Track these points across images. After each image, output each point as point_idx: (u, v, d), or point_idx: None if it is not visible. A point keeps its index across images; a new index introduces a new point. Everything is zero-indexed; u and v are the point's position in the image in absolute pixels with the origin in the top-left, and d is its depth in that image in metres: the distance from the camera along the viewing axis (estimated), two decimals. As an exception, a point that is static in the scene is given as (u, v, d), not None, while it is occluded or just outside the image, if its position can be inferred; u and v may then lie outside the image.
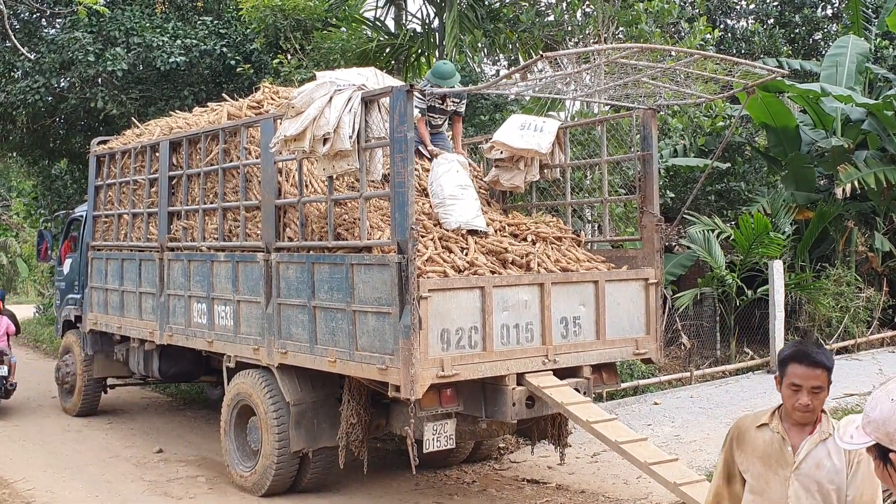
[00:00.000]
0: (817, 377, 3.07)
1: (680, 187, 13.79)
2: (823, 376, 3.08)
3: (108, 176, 10.31)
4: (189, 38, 13.76)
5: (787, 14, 20.65)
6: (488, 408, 6.44)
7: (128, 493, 7.57)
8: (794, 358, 3.11)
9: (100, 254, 10.34)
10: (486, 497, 7.28)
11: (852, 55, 14.83)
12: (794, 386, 3.10)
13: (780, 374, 3.18)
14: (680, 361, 12.25)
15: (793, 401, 3.12)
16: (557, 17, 13.10)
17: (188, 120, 9.26)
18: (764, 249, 12.20)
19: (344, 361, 6.39)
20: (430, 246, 6.46)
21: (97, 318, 10.27)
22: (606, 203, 8.28)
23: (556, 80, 7.35)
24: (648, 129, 7.39)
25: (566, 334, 6.60)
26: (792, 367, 3.11)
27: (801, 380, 3.08)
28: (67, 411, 11.00)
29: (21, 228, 29.84)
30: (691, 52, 7.60)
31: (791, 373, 3.10)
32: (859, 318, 13.13)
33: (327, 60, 12.38)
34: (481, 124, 12.00)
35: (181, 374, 9.75)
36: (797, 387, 3.09)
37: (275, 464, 7.05)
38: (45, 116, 15.61)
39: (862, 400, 8.80)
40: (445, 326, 5.99)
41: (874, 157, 13.83)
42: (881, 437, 2.18)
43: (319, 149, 6.37)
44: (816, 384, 3.07)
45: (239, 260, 7.63)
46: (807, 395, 3.08)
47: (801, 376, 3.08)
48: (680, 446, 8.22)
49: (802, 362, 3.09)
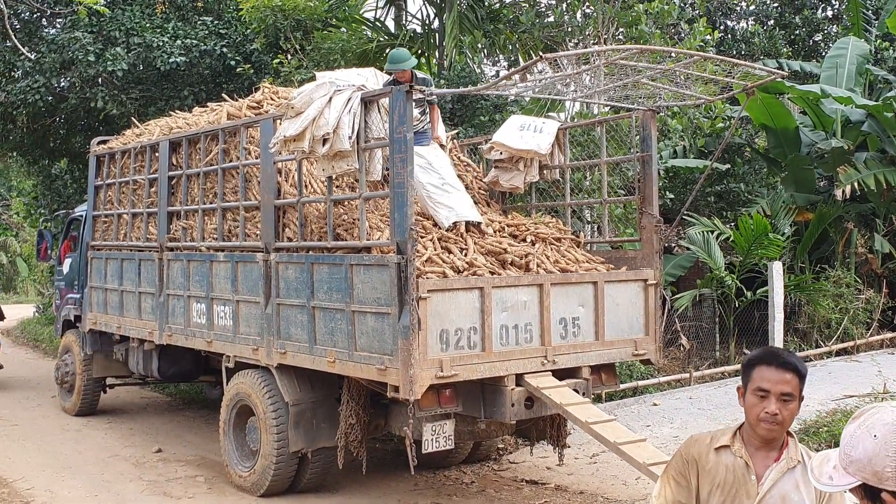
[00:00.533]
0: (787, 382, 2.69)
1: (679, 188, 13.79)
2: (795, 382, 2.71)
3: (107, 176, 10.31)
4: (189, 38, 13.76)
5: (788, 15, 20.66)
6: (487, 408, 6.45)
7: (127, 492, 7.56)
8: (762, 360, 2.75)
9: (99, 253, 10.34)
10: (484, 497, 7.28)
11: (852, 57, 14.84)
12: (760, 392, 2.71)
13: (744, 381, 2.79)
14: (679, 362, 12.25)
15: (758, 410, 2.71)
16: (557, 18, 13.11)
17: (188, 120, 9.27)
18: (763, 251, 12.21)
19: (343, 362, 6.39)
20: (429, 246, 6.46)
21: (97, 318, 10.28)
22: (606, 204, 8.28)
23: (556, 80, 7.36)
24: (648, 131, 7.39)
25: (565, 335, 6.60)
26: (759, 369, 2.73)
27: (769, 384, 2.69)
28: (67, 411, 10.99)
29: (21, 228, 29.86)
30: (691, 54, 7.60)
31: (757, 376, 2.72)
32: (859, 319, 13.14)
33: (327, 61, 12.38)
34: (481, 125, 12.01)
35: (180, 373, 9.74)
36: (764, 392, 2.70)
37: (274, 464, 7.04)
38: (46, 116, 15.61)
39: (861, 402, 8.80)
40: (444, 327, 5.99)
41: (874, 159, 13.84)
42: (868, 477, 2.00)
43: (319, 149, 6.38)
44: (786, 390, 2.69)
45: (238, 260, 7.63)
46: (775, 402, 2.69)
47: (770, 380, 2.70)
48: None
49: (772, 364, 2.72)
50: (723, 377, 11.48)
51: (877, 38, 16.70)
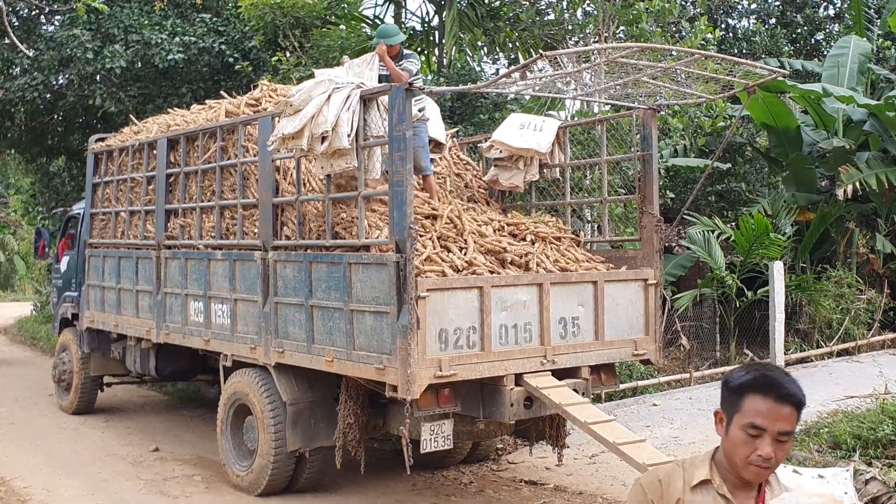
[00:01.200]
0: (787, 418, 2.19)
1: (680, 188, 13.74)
2: (794, 417, 2.22)
3: (105, 173, 10.28)
4: (187, 35, 13.73)
5: (789, 14, 20.61)
6: (486, 408, 6.41)
7: (124, 491, 7.53)
8: (757, 387, 2.21)
9: (97, 251, 10.30)
10: (483, 498, 7.24)
11: (854, 56, 14.78)
12: (753, 429, 2.19)
13: (730, 408, 2.26)
14: (679, 363, 12.21)
15: (747, 451, 2.21)
16: (558, 16, 13.07)
17: (186, 117, 9.23)
18: (764, 250, 12.16)
19: (341, 361, 6.35)
20: (428, 245, 6.42)
21: (94, 316, 10.23)
22: (606, 203, 8.24)
23: (556, 79, 7.32)
24: (648, 129, 7.35)
25: (565, 335, 6.56)
26: (752, 399, 2.21)
27: (765, 421, 2.18)
28: (64, 409, 10.96)
29: (19, 225, 29.81)
30: (692, 52, 7.56)
31: (750, 409, 2.20)
32: (860, 320, 13.09)
33: (326, 58, 12.33)
34: (481, 123, 11.97)
35: (178, 372, 9.72)
36: (758, 431, 2.19)
37: (271, 463, 7.01)
38: (44, 113, 15.58)
39: (863, 402, 8.76)
40: (443, 326, 5.95)
41: (876, 159, 13.79)
42: None
43: (318, 147, 6.34)
44: (785, 429, 2.20)
45: (236, 258, 7.59)
46: (770, 443, 2.19)
47: (767, 416, 2.18)
48: (678, 448, 8.18)
49: (769, 395, 2.19)
50: (723, 377, 11.43)
51: (879, 37, 16.65)
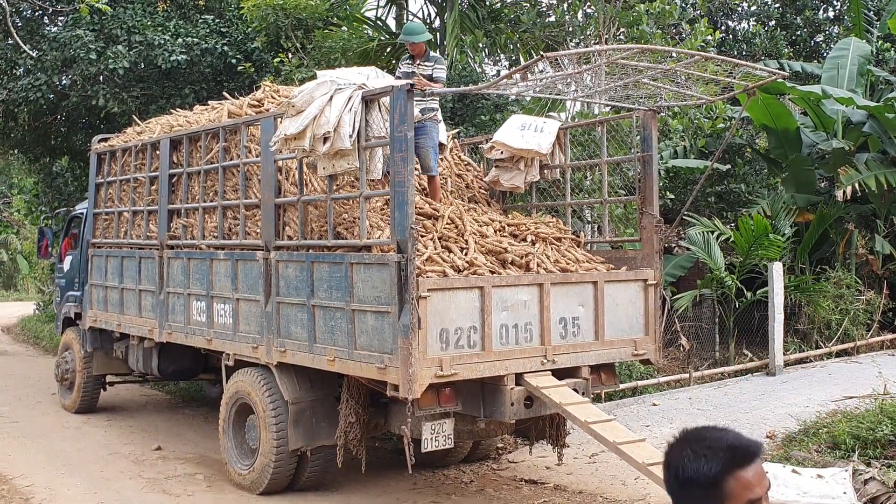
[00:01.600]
0: (763, 468, 2.03)
1: (680, 189, 13.78)
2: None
3: (108, 173, 10.32)
4: (190, 36, 13.77)
5: (789, 16, 20.63)
6: (487, 407, 6.45)
7: (126, 490, 7.57)
8: (735, 462, 1.95)
9: (100, 251, 10.35)
10: (483, 497, 7.28)
11: (854, 57, 14.81)
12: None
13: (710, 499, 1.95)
14: (679, 363, 12.25)
15: None
16: (558, 18, 13.10)
17: (189, 118, 9.28)
18: (763, 251, 12.19)
19: (343, 360, 6.39)
20: (429, 245, 6.46)
21: (97, 316, 10.28)
22: (606, 204, 8.28)
23: (557, 80, 7.35)
24: (649, 131, 7.39)
25: (565, 335, 6.60)
26: (737, 477, 1.94)
27: (759, 487, 1.96)
28: (66, 408, 11.00)
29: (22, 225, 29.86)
30: (692, 54, 7.60)
31: (739, 488, 1.94)
32: (859, 320, 13.12)
33: (328, 59, 12.37)
34: (481, 124, 12.01)
35: (180, 371, 9.76)
36: (756, 501, 1.97)
37: (273, 462, 7.05)
38: (47, 114, 15.63)
39: (862, 403, 8.79)
40: (444, 326, 5.99)
41: (875, 160, 13.82)
42: None
43: (320, 148, 6.38)
44: (768, 481, 2.02)
45: (238, 258, 7.63)
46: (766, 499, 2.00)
47: (757, 481, 1.96)
48: (678, 447, 8.20)
49: (746, 462, 1.96)
50: (722, 378, 11.47)
51: (878, 39, 16.67)
